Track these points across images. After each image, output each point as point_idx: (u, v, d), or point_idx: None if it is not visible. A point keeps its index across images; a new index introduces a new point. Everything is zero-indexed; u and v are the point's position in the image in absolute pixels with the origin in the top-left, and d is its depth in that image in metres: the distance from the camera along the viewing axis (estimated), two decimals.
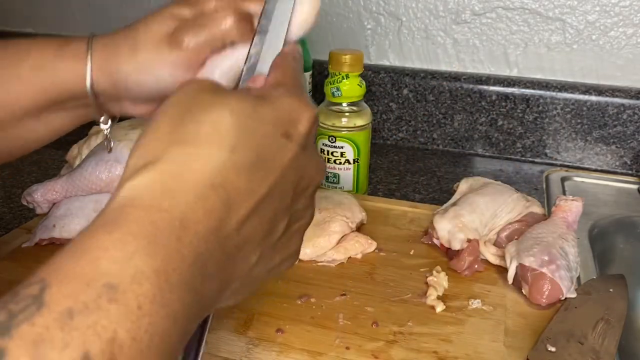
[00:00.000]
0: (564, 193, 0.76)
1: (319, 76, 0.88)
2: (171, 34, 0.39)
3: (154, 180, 0.25)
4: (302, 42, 0.72)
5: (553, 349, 0.44)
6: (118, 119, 0.48)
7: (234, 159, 0.26)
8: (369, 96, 0.89)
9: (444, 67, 0.88)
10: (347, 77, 0.65)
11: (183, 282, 0.23)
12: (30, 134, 0.43)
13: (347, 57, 0.64)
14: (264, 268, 0.30)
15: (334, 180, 0.69)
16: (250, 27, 0.39)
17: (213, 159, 0.26)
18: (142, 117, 0.44)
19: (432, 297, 0.50)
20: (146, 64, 0.39)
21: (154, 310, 0.21)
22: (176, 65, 0.39)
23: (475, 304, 0.50)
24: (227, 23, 0.38)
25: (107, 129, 0.45)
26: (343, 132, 0.66)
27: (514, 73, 0.85)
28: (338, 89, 0.65)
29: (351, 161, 0.68)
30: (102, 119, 0.43)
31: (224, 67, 0.39)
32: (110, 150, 0.48)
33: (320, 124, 0.68)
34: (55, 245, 0.58)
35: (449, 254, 0.56)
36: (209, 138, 0.26)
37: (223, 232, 0.25)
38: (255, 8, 0.39)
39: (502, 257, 0.54)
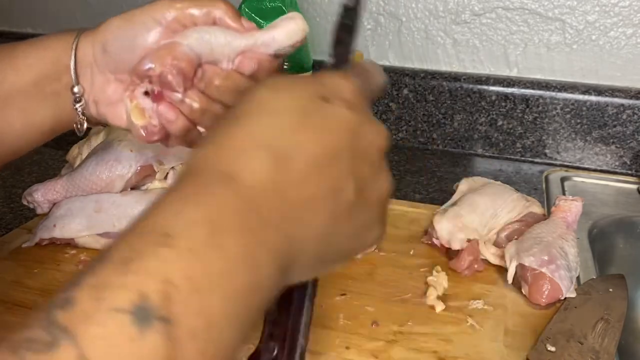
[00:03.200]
0: (563, 193, 0.76)
1: None
2: (172, 19, 0.42)
3: (203, 152, 0.27)
4: None
5: (553, 349, 0.44)
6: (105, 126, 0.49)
7: (276, 123, 0.28)
8: None
9: (443, 68, 0.88)
10: None
11: (236, 227, 0.24)
12: (9, 127, 0.43)
13: None
14: (343, 234, 0.30)
15: None
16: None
17: (254, 126, 0.28)
18: (107, 106, 0.45)
19: (432, 297, 0.50)
20: (129, 15, 0.43)
21: (207, 251, 0.22)
22: (156, 20, 0.42)
23: (475, 303, 0.50)
24: (222, 9, 0.41)
25: (78, 95, 0.45)
26: None
27: (514, 73, 0.85)
28: None
29: None
30: (75, 89, 0.44)
31: (204, 35, 0.41)
32: (80, 131, 0.48)
33: None
34: (56, 245, 0.58)
35: (449, 254, 0.56)
36: (249, 112, 0.28)
37: (279, 186, 0.26)
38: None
39: (502, 257, 0.54)
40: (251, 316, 0.24)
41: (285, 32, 0.41)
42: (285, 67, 0.43)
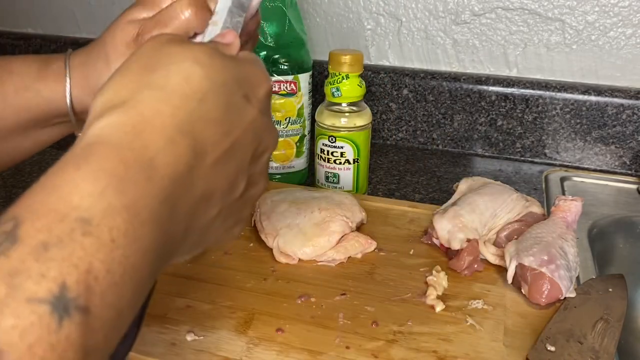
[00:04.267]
0: (563, 193, 0.76)
1: (319, 76, 0.88)
2: (135, 38, 0.40)
3: (123, 121, 0.25)
4: (302, 42, 0.72)
5: (552, 349, 0.44)
6: None
7: (202, 109, 0.27)
8: (369, 96, 0.89)
9: (443, 68, 0.88)
10: (347, 77, 0.65)
11: (153, 219, 0.24)
12: (17, 149, 0.44)
13: (347, 57, 0.64)
14: (221, 226, 0.31)
15: (334, 180, 0.69)
16: (210, 14, 0.39)
17: (182, 107, 0.27)
18: None
19: (431, 296, 0.50)
20: (118, 65, 0.40)
21: (127, 243, 0.22)
22: None
23: (475, 303, 0.50)
24: (186, 15, 0.38)
25: None
26: (343, 132, 0.66)
27: (514, 73, 0.85)
28: (338, 89, 0.65)
29: (351, 161, 0.68)
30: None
31: None
32: None
33: (320, 124, 0.68)
34: None
35: (449, 254, 0.56)
36: (179, 87, 0.27)
37: (191, 179, 0.26)
38: None
39: (502, 257, 0.54)
40: (142, 302, 0.25)
41: None
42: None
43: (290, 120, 0.73)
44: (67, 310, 0.20)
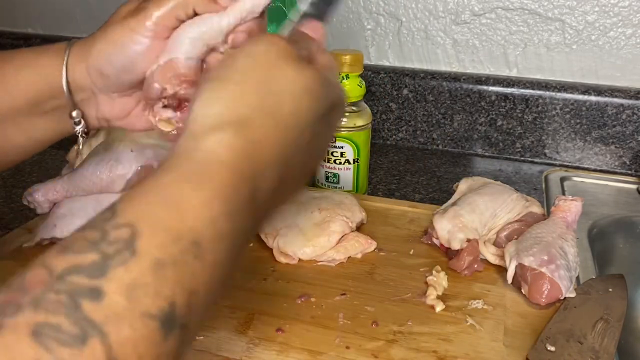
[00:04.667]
0: (563, 193, 0.76)
1: None
2: (137, 6, 0.40)
3: (239, 145, 0.27)
4: None
5: (552, 349, 0.44)
6: (95, 132, 0.49)
7: (298, 141, 0.30)
8: (369, 96, 0.89)
9: (443, 68, 0.88)
10: (347, 77, 0.65)
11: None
12: (8, 141, 0.43)
13: (347, 57, 0.64)
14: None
15: (334, 180, 0.69)
16: None
17: (286, 137, 0.29)
18: (119, 120, 0.45)
19: (431, 296, 0.50)
20: (115, 37, 0.40)
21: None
22: (143, 35, 0.40)
23: (475, 303, 0.50)
24: None
25: (80, 144, 0.45)
26: (343, 132, 0.66)
27: (514, 73, 0.85)
28: None
29: (351, 161, 0.68)
30: (74, 113, 0.44)
31: (193, 34, 0.40)
32: (77, 153, 0.49)
33: None
34: None
35: (449, 254, 0.56)
36: (288, 118, 0.29)
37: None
38: None
39: (502, 257, 0.54)
40: None
41: None
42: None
43: None
44: (173, 328, 0.21)
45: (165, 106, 0.43)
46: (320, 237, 0.56)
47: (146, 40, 0.40)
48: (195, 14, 0.40)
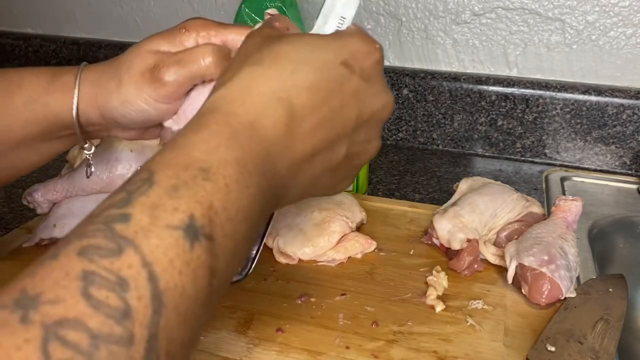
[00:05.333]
0: (563, 193, 0.76)
1: None
2: (152, 69, 0.40)
3: (228, 93, 0.31)
4: None
5: (553, 349, 0.44)
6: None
7: (295, 78, 0.31)
8: None
9: (443, 67, 0.88)
10: None
11: (258, 171, 0.29)
12: (23, 162, 0.45)
13: None
14: (328, 182, 0.36)
15: None
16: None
17: (274, 77, 0.31)
18: (131, 139, 0.47)
19: (431, 296, 0.50)
20: (130, 99, 0.41)
21: (238, 189, 0.27)
22: (157, 100, 0.41)
23: (475, 303, 0.50)
24: (206, 62, 0.40)
25: (89, 154, 0.47)
26: None
27: (514, 73, 0.85)
28: None
29: None
30: (86, 145, 0.46)
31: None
32: (89, 175, 0.50)
33: None
34: None
35: (449, 254, 0.56)
36: (272, 61, 0.32)
37: (289, 140, 0.31)
38: (234, 38, 0.41)
39: (502, 257, 0.54)
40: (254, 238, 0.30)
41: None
42: None
43: None
44: (197, 236, 0.24)
45: None
46: (320, 237, 0.56)
47: (163, 107, 0.41)
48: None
